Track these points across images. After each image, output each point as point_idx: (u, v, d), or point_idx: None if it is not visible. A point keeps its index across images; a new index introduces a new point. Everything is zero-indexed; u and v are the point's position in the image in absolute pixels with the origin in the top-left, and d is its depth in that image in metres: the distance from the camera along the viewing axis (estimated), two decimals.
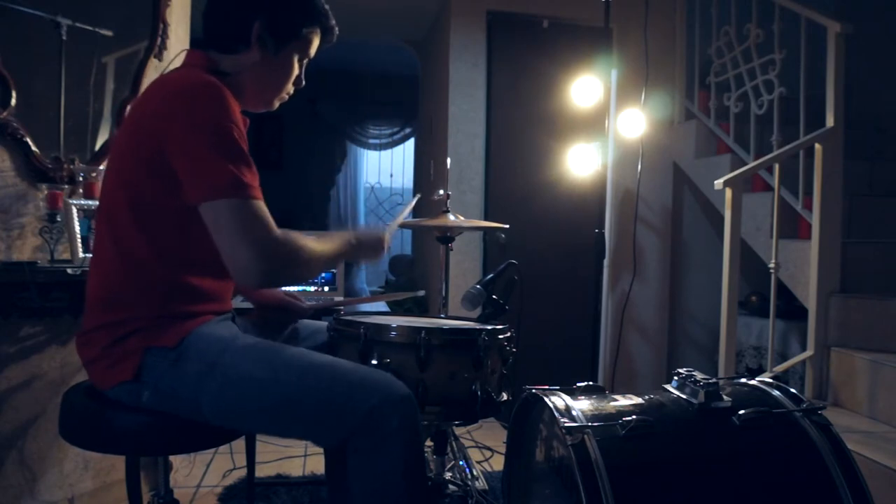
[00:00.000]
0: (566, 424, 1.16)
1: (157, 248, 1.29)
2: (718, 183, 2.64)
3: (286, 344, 1.49)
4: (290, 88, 1.48)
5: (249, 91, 1.42)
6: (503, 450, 2.40)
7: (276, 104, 1.49)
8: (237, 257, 1.21)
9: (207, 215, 1.21)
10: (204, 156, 1.20)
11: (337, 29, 1.48)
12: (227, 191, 1.19)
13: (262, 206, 1.23)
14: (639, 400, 1.28)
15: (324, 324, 1.66)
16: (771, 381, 1.37)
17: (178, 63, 2.28)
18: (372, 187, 6.99)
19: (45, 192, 1.95)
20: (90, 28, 2.12)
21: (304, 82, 1.49)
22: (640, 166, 3.48)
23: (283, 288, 1.78)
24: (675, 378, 1.34)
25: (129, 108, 1.39)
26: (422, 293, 2.56)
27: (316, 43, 1.46)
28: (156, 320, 1.29)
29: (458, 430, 2.77)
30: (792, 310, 2.97)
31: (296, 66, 1.44)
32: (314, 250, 1.32)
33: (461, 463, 2.40)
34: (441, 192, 2.37)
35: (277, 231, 1.24)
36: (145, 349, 1.27)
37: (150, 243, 1.28)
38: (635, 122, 3.43)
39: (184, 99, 1.22)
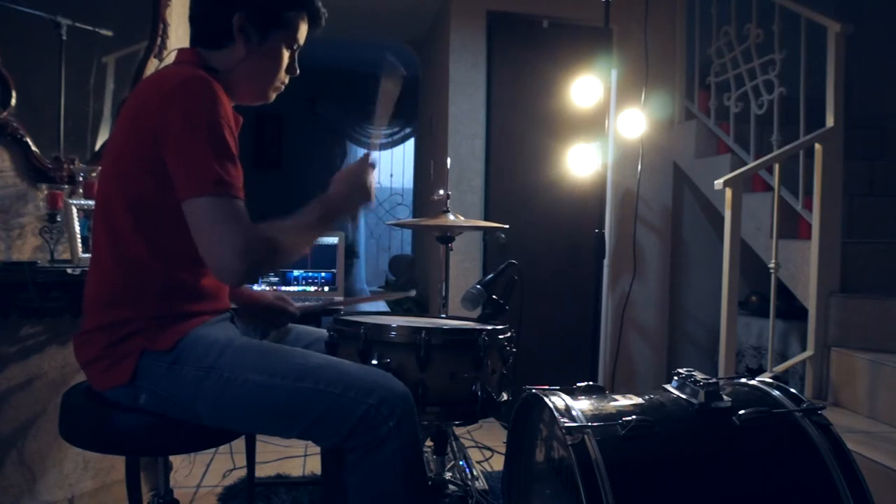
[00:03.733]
0: (566, 424, 1.16)
1: (154, 247, 1.29)
2: (718, 183, 2.64)
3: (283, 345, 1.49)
4: (284, 78, 1.46)
5: (242, 85, 1.41)
6: (503, 450, 2.40)
7: (273, 95, 1.47)
8: (216, 256, 1.21)
9: (189, 211, 1.21)
10: (192, 152, 1.20)
11: (324, 12, 1.45)
12: (208, 188, 1.19)
13: (241, 205, 1.23)
14: (639, 400, 1.28)
15: (324, 332, 1.65)
16: (771, 381, 1.37)
17: (170, 61, 2.29)
18: None
19: (45, 192, 1.96)
20: (90, 28, 2.12)
21: (297, 71, 1.46)
22: (640, 166, 3.48)
23: (279, 289, 1.75)
24: (675, 378, 1.34)
25: (123, 106, 1.39)
26: (413, 293, 2.52)
27: (303, 28, 1.43)
28: (153, 321, 1.28)
29: (458, 430, 2.77)
30: (792, 310, 2.97)
31: (285, 54, 1.42)
32: (289, 237, 1.30)
33: (461, 463, 2.40)
34: (441, 191, 2.36)
35: (254, 229, 1.23)
36: (141, 352, 1.27)
37: (148, 242, 1.28)
38: (635, 122, 3.43)
39: (177, 95, 1.22)
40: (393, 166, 7.00)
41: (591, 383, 1.34)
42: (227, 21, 1.34)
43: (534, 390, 1.34)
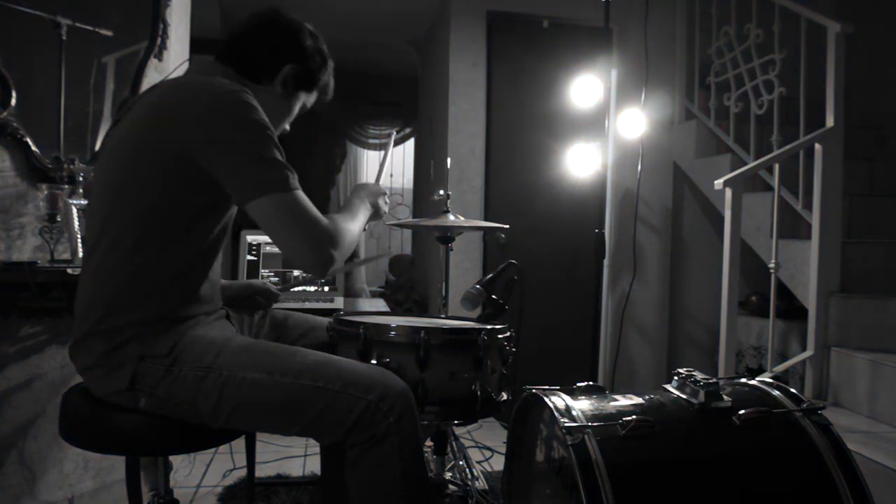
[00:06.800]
0: (566, 424, 1.16)
1: (162, 254, 1.28)
2: (718, 183, 2.64)
3: (280, 342, 1.49)
4: (281, 130, 1.52)
5: None
6: (503, 450, 2.40)
7: None
8: (301, 250, 1.26)
9: (261, 210, 1.24)
10: (255, 153, 1.24)
11: (332, 90, 1.56)
12: (280, 184, 1.24)
13: (306, 196, 1.29)
14: (639, 400, 1.28)
15: (321, 319, 1.66)
16: (771, 381, 1.37)
17: (182, 68, 2.29)
18: None
19: (45, 192, 1.95)
20: (90, 28, 2.12)
21: (288, 129, 1.54)
22: (640, 166, 3.48)
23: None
24: (675, 378, 1.34)
25: (135, 107, 1.37)
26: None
27: (314, 97, 1.53)
28: (152, 326, 1.28)
29: (458, 430, 2.77)
30: (792, 310, 2.97)
31: (295, 112, 1.51)
32: (353, 231, 1.39)
33: (461, 463, 2.40)
34: (441, 192, 2.36)
35: (323, 218, 1.29)
36: (139, 358, 1.26)
37: (156, 247, 1.27)
38: (635, 122, 3.43)
39: (222, 104, 1.25)
40: (393, 166, 6.99)
41: (591, 383, 1.34)
42: (278, 67, 1.41)
43: (534, 390, 1.34)
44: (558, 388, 1.33)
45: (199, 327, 1.34)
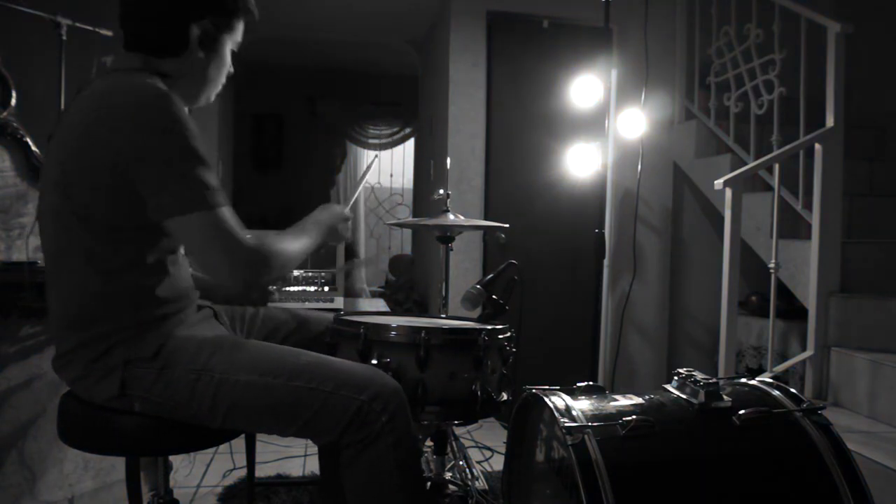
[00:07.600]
0: (566, 424, 1.16)
1: (127, 262, 1.25)
2: (718, 183, 2.64)
3: (273, 338, 1.49)
4: (224, 80, 1.44)
5: (193, 90, 1.37)
6: (503, 450, 2.40)
7: (213, 98, 1.44)
8: (217, 272, 1.22)
9: (180, 228, 1.19)
10: (178, 168, 1.17)
11: (254, 6, 1.42)
12: (201, 203, 1.17)
13: (230, 213, 1.21)
14: (639, 400, 1.28)
15: (314, 314, 1.65)
16: (771, 381, 1.37)
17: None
18: (372, 187, 6.99)
19: None
20: (90, 28, 2.12)
21: (232, 70, 1.44)
22: (640, 166, 3.48)
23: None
24: (675, 378, 1.34)
25: (65, 121, 1.28)
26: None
27: (241, 29, 1.41)
28: (133, 329, 1.25)
29: (458, 430, 2.77)
30: (792, 310, 2.97)
31: (229, 57, 1.41)
32: (289, 252, 1.31)
33: (461, 463, 2.40)
34: (441, 191, 2.36)
35: (245, 238, 1.22)
36: (126, 362, 1.24)
37: (128, 253, 1.24)
38: (635, 122, 3.43)
39: (143, 113, 1.17)
40: (393, 166, 7.00)
41: (591, 383, 1.34)
42: (184, 31, 1.30)
43: (534, 390, 1.34)
44: (558, 388, 1.33)
45: (183, 327, 1.32)
